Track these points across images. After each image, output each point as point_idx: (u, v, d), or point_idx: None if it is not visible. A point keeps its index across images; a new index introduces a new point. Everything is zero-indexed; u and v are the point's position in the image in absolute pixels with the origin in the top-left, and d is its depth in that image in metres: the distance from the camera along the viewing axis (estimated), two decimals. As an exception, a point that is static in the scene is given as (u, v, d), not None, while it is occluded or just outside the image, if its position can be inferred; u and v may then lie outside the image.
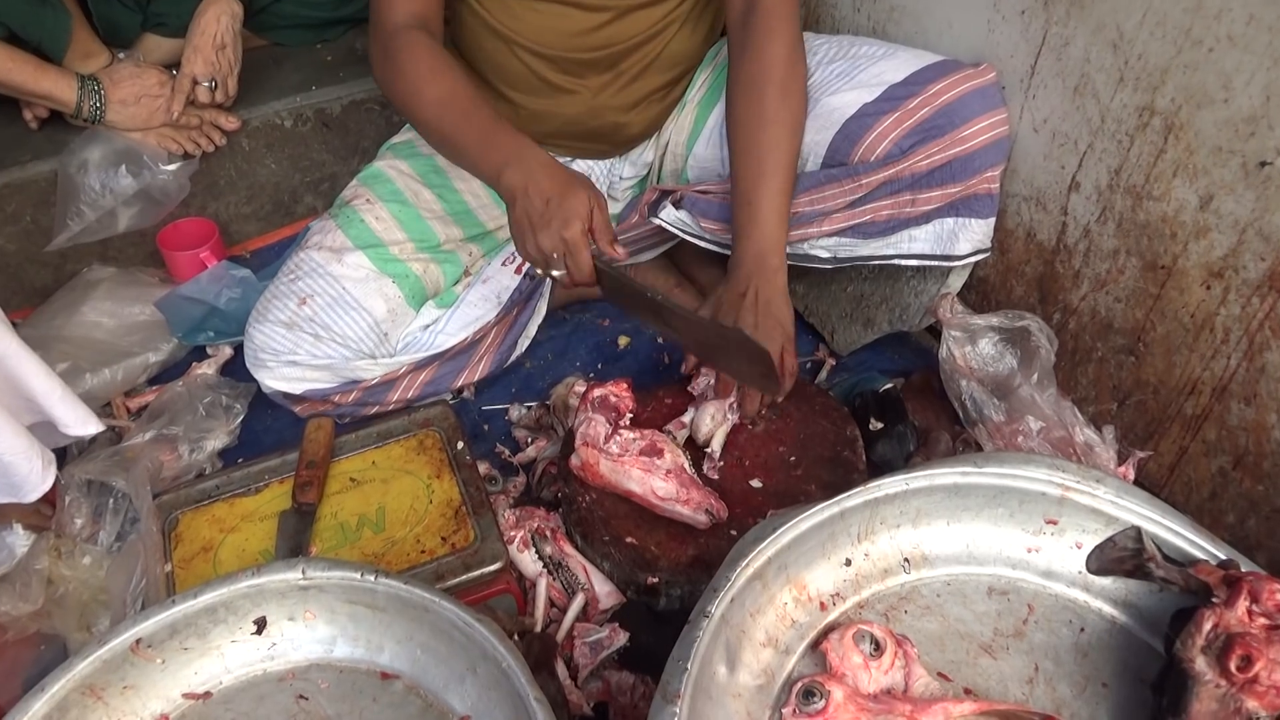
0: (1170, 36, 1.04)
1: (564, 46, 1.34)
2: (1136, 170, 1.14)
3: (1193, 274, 1.13)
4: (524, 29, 1.33)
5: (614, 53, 1.35)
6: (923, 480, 0.97)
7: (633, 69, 1.38)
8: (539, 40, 1.33)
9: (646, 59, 1.38)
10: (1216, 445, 1.18)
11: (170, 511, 1.19)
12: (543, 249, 1.15)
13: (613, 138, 1.47)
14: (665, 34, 1.37)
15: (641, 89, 1.41)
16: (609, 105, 1.40)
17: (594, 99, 1.39)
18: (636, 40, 1.35)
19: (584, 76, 1.38)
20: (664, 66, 1.41)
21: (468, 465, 1.22)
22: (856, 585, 0.98)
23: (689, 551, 1.15)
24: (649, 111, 1.45)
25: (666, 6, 1.34)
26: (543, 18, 1.31)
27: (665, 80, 1.43)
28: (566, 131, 1.43)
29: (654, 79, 1.41)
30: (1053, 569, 0.99)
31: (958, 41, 1.33)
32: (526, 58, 1.35)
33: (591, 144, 1.47)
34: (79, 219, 1.57)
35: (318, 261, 1.34)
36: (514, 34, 1.33)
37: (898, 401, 1.35)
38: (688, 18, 1.37)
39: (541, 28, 1.32)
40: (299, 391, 1.32)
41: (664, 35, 1.37)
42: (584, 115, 1.41)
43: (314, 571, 0.93)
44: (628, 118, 1.43)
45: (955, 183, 1.25)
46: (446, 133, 1.23)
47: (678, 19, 1.36)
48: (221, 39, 1.64)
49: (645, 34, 1.35)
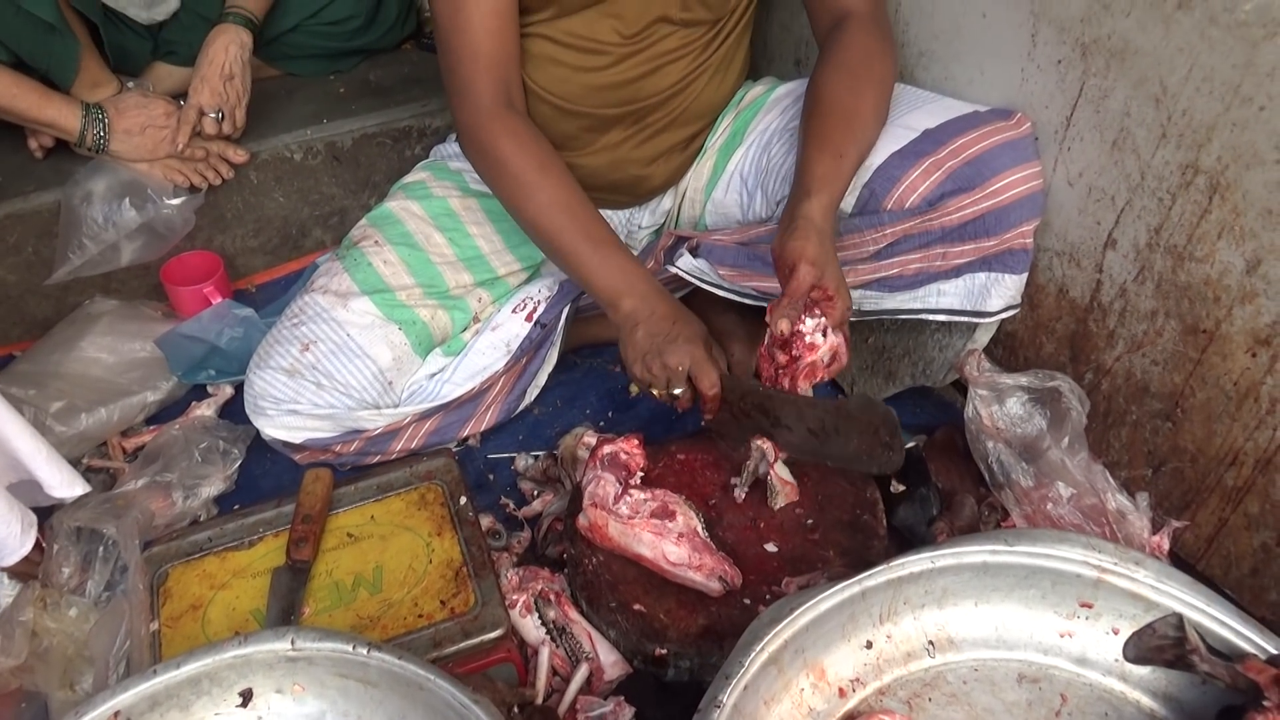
0: (1218, 93, 0.99)
1: (588, 101, 1.30)
2: (1178, 230, 1.09)
3: (1237, 340, 1.07)
4: (548, 82, 1.29)
5: (640, 108, 1.32)
6: (950, 558, 0.92)
7: (658, 123, 1.35)
8: (563, 94, 1.30)
9: (673, 113, 1.35)
10: (1259, 520, 1.12)
11: (160, 565, 1.15)
12: (669, 366, 1.17)
13: (633, 190, 1.43)
14: (693, 87, 1.33)
15: (665, 142, 1.38)
16: (631, 159, 1.37)
17: (616, 152, 1.36)
18: (665, 94, 1.31)
19: (607, 131, 1.34)
20: (689, 119, 1.37)
21: (470, 522, 1.17)
22: (878, 670, 0.93)
23: (700, 621, 1.10)
24: (671, 163, 1.41)
25: (696, 58, 1.30)
26: (568, 71, 1.28)
27: (689, 134, 1.40)
28: (587, 184, 1.39)
29: (678, 133, 1.38)
30: (1087, 656, 0.94)
31: (990, 89, 1.28)
32: (550, 111, 1.32)
33: (611, 195, 1.44)
34: (81, 252, 1.54)
35: (322, 306, 1.31)
36: (536, 86, 1.30)
37: (920, 462, 1.30)
38: (718, 68, 1.34)
39: (566, 80, 1.28)
40: (299, 441, 1.28)
41: (692, 89, 1.33)
42: (605, 168, 1.37)
43: (304, 642, 0.89)
44: (649, 170, 1.40)
45: (989, 237, 1.20)
46: (558, 240, 1.23)
47: (707, 69, 1.33)
48: (229, 69, 1.61)
49: (673, 88, 1.31)
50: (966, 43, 1.30)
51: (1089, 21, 1.11)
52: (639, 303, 1.19)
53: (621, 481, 1.15)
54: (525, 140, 1.23)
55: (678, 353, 1.15)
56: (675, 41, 1.28)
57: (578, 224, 1.22)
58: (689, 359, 1.15)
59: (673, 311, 1.19)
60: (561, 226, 1.22)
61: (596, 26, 1.25)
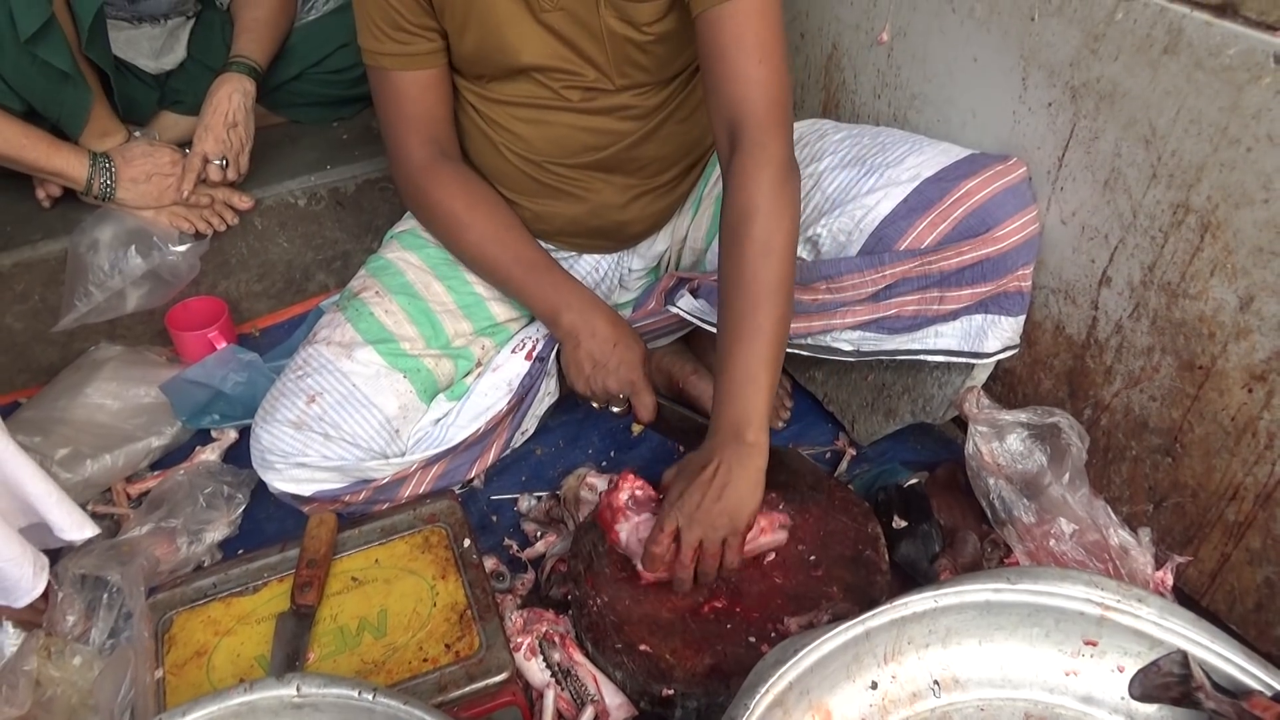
0: (1206, 135, 1.01)
1: (555, 153, 1.31)
2: (1171, 267, 1.10)
3: (1233, 376, 1.08)
4: (512, 139, 1.31)
5: (606, 156, 1.32)
6: (953, 597, 0.92)
7: (628, 170, 1.35)
8: (530, 148, 1.31)
9: (641, 160, 1.34)
10: (1262, 554, 1.12)
11: (164, 612, 1.15)
12: (609, 389, 1.31)
13: (616, 235, 1.44)
14: (659, 134, 1.32)
15: (641, 188, 1.38)
16: (609, 205, 1.37)
17: (593, 200, 1.36)
18: (627, 141, 1.31)
19: (579, 180, 1.35)
20: (662, 164, 1.37)
21: (474, 565, 1.18)
22: (883, 710, 0.92)
23: (706, 660, 1.10)
24: (652, 208, 1.41)
25: (650, 99, 1.29)
26: (534, 128, 1.30)
27: (667, 178, 1.39)
28: (569, 230, 1.40)
29: (654, 179, 1.38)
30: (1093, 695, 0.93)
31: (982, 132, 1.30)
32: (521, 164, 1.33)
33: (597, 240, 1.44)
34: (87, 300, 1.55)
35: (327, 357, 1.31)
36: (506, 143, 1.32)
37: (922, 498, 1.30)
38: (677, 108, 1.32)
39: (530, 136, 1.30)
40: (308, 494, 1.28)
41: (657, 135, 1.32)
42: (585, 216, 1.38)
43: (309, 688, 0.89)
44: (628, 216, 1.40)
45: (986, 282, 1.21)
46: (494, 270, 1.34)
47: (665, 111, 1.31)
48: (233, 116, 1.63)
49: (635, 134, 1.31)
50: (959, 86, 1.32)
51: (1077, 65, 1.13)
52: (577, 318, 1.30)
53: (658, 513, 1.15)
54: (452, 185, 1.33)
55: (618, 380, 1.29)
56: (625, 99, 1.28)
57: (509, 252, 1.32)
58: (629, 387, 1.29)
59: (613, 333, 1.30)
60: (495, 257, 1.33)
61: (537, 90, 1.27)
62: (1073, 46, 1.13)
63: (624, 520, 1.17)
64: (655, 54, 1.23)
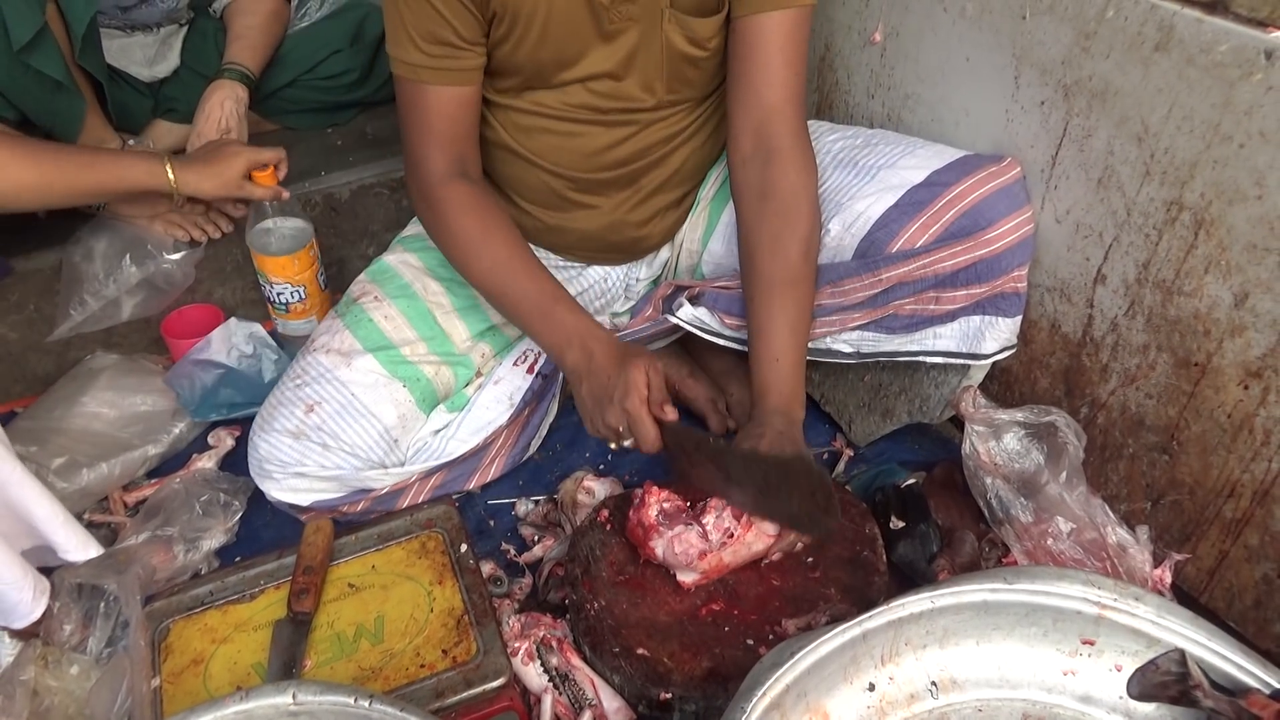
0: (1198, 132, 1.01)
1: (582, 166, 1.31)
2: (1166, 265, 1.10)
3: (1229, 373, 1.08)
4: (541, 149, 1.30)
5: (632, 170, 1.33)
6: (950, 598, 0.92)
7: (650, 184, 1.36)
8: (557, 161, 1.31)
9: (664, 174, 1.35)
10: (1260, 551, 1.12)
11: (161, 620, 1.15)
12: (611, 425, 1.17)
13: (631, 250, 1.44)
14: (684, 148, 1.34)
15: (659, 203, 1.39)
16: (627, 220, 1.38)
17: (612, 214, 1.37)
18: (655, 157, 1.32)
19: (602, 194, 1.35)
20: (682, 179, 1.38)
21: (471, 570, 1.17)
22: (881, 712, 0.92)
23: (704, 664, 1.09)
24: (666, 221, 1.42)
25: (684, 118, 1.31)
26: (560, 139, 1.29)
27: (683, 192, 1.41)
28: (584, 245, 1.40)
29: (672, 192, 1.39)
30: (1091, 694, 0.93)
31: (976, 131, 1.30)
32: (545, 177, 1.33)
33: (610, 254, 1.45)
34: (82, 309, 1.55)
35: (325, 366, 1.30)
36: (532, 154, 1.31)
37: (920, 499, 1.30)
38: (703, 125, 1.35)
39: (559, 148, 1.30)
40: (306, 504, 1.28)
41: (683, 149, 1.34)
42: (602, 230, 1.38)
43: (305, 696, 0.89)
44: (645, 231, 1.40)
45: (981, 283, 1.21)
46: (504, 300, 1.27)
47: (694, 128, 1.33)
48: (226, 123, 1.63)
49: (663, 149, 1.32)
50: (952, 85, 1.32)
51: (1069, 64, 1.13)
52: (579, 355, 1.20)
53: (689, 522, 1.15)
54: (470, 207, 1.26)
55: (615, 415, 1.16)
56: (661, 114, 1.29)
57: (519, 285, 1.24)
58: (626, 420, 1.15)
59: (609, 360, 1.18)
60: (505, 286, 1.25)
61: (583, 100, 1.26)
62: (1064, 45, 1.13)
63: (658, 536, 1.15)
64: (705, 70, 1.27)
